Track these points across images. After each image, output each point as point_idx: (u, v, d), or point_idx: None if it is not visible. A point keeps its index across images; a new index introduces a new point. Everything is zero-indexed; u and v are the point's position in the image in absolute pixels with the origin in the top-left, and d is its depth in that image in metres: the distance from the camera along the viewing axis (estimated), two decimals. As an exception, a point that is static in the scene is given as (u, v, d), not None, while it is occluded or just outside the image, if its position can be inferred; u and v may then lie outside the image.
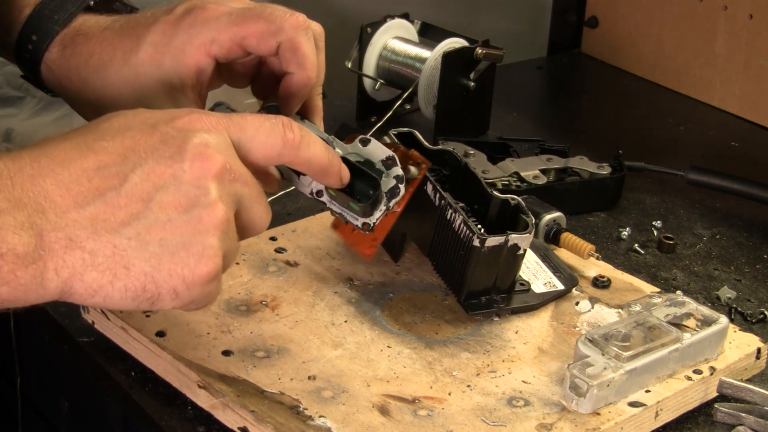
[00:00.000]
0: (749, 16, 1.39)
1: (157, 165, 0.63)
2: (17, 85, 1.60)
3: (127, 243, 0.62)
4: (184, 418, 0.77)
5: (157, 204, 0.63)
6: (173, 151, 0.63)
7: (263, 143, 0.68)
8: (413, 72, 1.26)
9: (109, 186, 0.63)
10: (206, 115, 0.66)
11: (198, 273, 0.64)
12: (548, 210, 0.97)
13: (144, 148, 0.64)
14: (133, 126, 0.65)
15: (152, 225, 0.63)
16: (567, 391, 0.77)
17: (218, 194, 0.64)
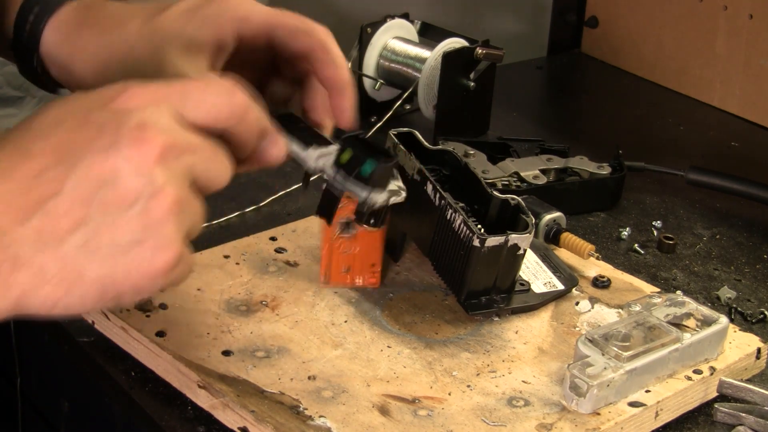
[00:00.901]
0: (749, 16, 1.39)
1: (94, 161, 0.59)
2: (17, 85, 1.60)
3: (76, 252, 0.59)
4: (184, 418, 0.77)
5: (100, 204, 0.59)
6: (109, 140, 0.59)
7: (209, 107, 0.64)
8: (413, 72, 1.26)
9: (49, 194, 0.59)
10: (142, 88, 0.62)
11: (157, 265, 0.60)
12: (548, 210, 0.97)
13: (79, 143, 0.60)
14: (67, 117, 0.61)
15: (99, 228, 0.59)
16: (567, 391, 0.77)
17: (164, 178, 0.60)
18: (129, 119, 0.60)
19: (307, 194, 1.09)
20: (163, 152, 0.60)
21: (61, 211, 0.59)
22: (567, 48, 1.65)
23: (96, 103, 0.62)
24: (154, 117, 0.61)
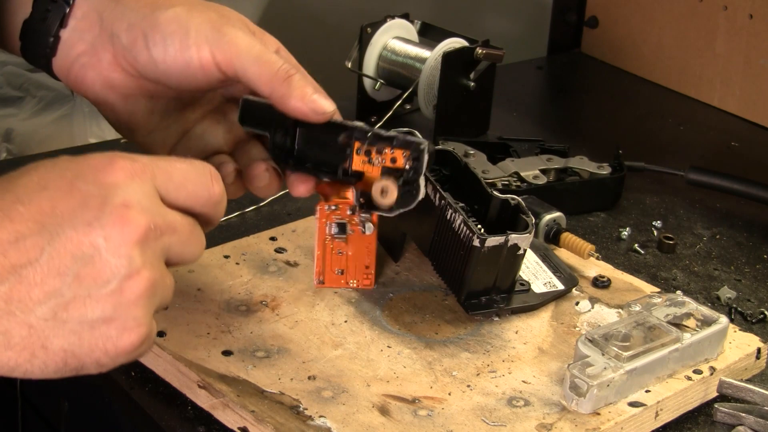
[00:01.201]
0: (749, 16, 1.39)
1: (76, 233, 0.59)
2: (17, 85, 1.60)
3: (44, 323, 0.59)
4: (184, 418, 0.77)
5: (75, 278, 0.59)
6: (92, 215, 0.59)
7: (189, 194, 0.65)
8: (413, 72, 1.26)
9: (25, 261, 0.58)
10: (130, 162, 0.62)
11: (121, 346, 0.60)
12: (548, 210, 0.97)
13: (62, 212, 0.59)
14: (52, 183, 0.61)
15: (70, 301, 0.59)
16: (567, 391, 0.77)
17: (142, 260, 0.60)
18: (114, 195, 0.60)
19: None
20: (144, 234, 0.60)
21: (35, 280, 0.59)
22: (567, 48, 1.65)
23: (82, 171, 0.61)
24: (138, 195, 0.61)
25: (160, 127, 0.80)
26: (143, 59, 0.75)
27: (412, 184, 0.74)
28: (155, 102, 0.79)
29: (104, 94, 0.78)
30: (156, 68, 0.75)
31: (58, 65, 0.79)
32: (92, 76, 0.78)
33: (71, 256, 0.59)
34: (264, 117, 0.76)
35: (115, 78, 0.77)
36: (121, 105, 0.78)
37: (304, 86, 0.74)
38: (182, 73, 0.75)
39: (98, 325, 0.60)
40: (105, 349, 0.61)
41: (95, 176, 0.61)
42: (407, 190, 0.74)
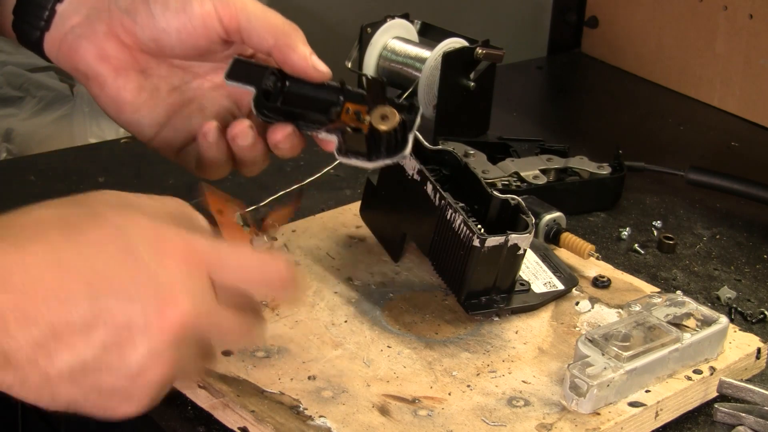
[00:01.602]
0: (749, 16, 1.39)
1: (117, 303, 0.59)
2: (17, 85, 1.60)
3: (59, 379, 0.59)
4: (184, 418, 0.77)
5: (102, 350, 0.59)
6: (137, 292, 0.59)
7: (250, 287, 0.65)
8: (413, 72, 1.26)
9: (64, 318, 0.58)
10: (191, 245, 0.62)
11: (120, 412, 0.61)
12: (548, 210, 0.97)
13: (111, 278, 0.59)
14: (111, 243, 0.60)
15: (90, 370, 0.59)
16: (567, 391, 0.77)
17: (171, 354, 0.60)
18: (164, 279, 0.60)
19: (308, 194, 1.09)
20: (181, 330, 0.60)
21: (66, 339, 0.59)
22: (567, 48, 1.65)
23: (145, 238, 0.61)
24: (188, 286, 0.61)
25: (147, 106, 0.80)
26: (142, 19, 0.76)
27: (402, 136, 0.76)
28: (146, 78, 0.79)
29: (95, 67, 0.78)
30: (154, 27, 0.76)
31: (50, 40, 0.79)
32: (85, 46, 0.78)
33: (105, 326, 0.59)
34: (252, 73, 0.77)
35: (109, 48, 0.78)
36: (111, 79, 0.78)
37: (306, 44, 0.76)
38: (182, 29, 0.76)
39: (107, 393, 0.60)
40: (104, 409, 0.61)
41: (156, 249, 0.61)
42: (396, 140, 0.76)
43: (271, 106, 0.77)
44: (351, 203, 1.03)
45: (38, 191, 1.11)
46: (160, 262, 0.60)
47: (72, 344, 0.59)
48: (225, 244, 0.65)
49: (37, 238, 0.59)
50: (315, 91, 0.78)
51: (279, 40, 0.76)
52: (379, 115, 0.75)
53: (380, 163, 0.76)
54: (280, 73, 0.79)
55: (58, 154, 1.24)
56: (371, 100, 0.77)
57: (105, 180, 1.14)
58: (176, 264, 0.61)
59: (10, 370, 0.58)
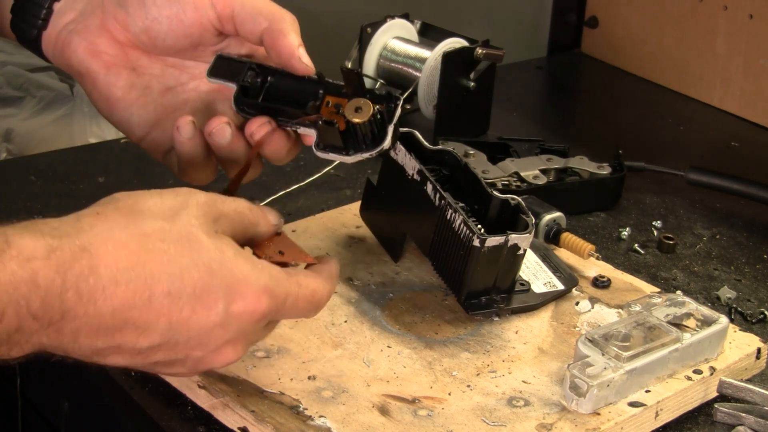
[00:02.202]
0: (749, 16, 1.39)
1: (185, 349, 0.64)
2: (17, 85, 1.60)
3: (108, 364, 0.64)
4: (184, 418, 0.77)
5: (153, 364, 0.65)
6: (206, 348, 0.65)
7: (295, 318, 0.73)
8: (413, 72, 1.26)
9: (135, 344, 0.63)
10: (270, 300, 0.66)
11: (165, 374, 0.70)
12: (548, 210, 0.97)
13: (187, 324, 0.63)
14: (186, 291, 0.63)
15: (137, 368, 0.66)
16: (567, 391, 0.77)
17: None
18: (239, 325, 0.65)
19: (308, 194, 1.09)
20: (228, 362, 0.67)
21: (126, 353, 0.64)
22: (567, 48, 1.65)
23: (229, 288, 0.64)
24: (248, 335, 0.67)
25: (138, 104, 0.80)
26: (134, 9, 0.77)
27: (380, 128, 0.74)
28: (137, 76, 0.80)
29: (87, 62, 0.79)
30: (146, 16, 0.77)
31: (47, 38, 0.80)
32: (77, 42, 0.78)
33: (165, 353, 0.64)
34: (234, 69, 0.77)
35: (101, 44, 0.78)
36: (102, 75, 0.79)
37: (298, 34, 0.76)
38: (173, 17, 0.77)
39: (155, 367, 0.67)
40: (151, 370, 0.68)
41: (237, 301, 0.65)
42: (373, 132, 0.74)
43: (250, 102, 0.77)
44: (351, 203, 1.03)
45: (38, 191, 1.11)
46: (238, 314, 0.65)
47: (129, 356, 0.64)
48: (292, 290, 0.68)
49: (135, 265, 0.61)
50: (296, 85, 0.77)
51: (272, 24, 0.76)
52: (353, 107, 0.74)
53: (358, 157, 0.75)
54: (261, 68, 0.78)
55: (58, 154, 1.24)
56: (350, 92, 0.75)
57: (105, 180, 1.14)
58: (250, 317, 0.65)
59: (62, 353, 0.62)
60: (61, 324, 0.59)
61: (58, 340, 0.60)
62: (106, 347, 0.62)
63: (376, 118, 0.74)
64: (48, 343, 0.60)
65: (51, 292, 0.58)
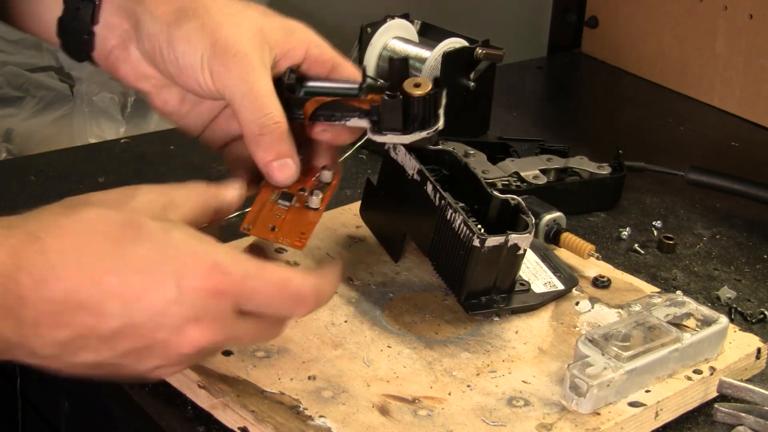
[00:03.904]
0: (749, 16, 1.39)
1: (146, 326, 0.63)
2: (17, 85, 1.60)
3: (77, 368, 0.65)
4: (184, 418, 0.77)
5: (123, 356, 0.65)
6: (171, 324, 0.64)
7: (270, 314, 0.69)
8: (413, 72, 1.25)
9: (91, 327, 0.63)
10: (223, 277, 0.65)
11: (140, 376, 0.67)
12: (548, 210, 0.97)
13: (141, 301, 0.63)
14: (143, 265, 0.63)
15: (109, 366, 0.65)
16: (567, 391, 0.77)
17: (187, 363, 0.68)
18: (190, 308, 0.64)
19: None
20: (196, 351, 0.65)
21: (91, 344, 0.64)
22: (567, 48, 1.65)
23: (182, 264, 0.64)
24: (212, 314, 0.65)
25: (192, 114, 0.82)
26: (161, 68, 0.78)
27: (434, 109, 0.75)
28: (186, 92, 0.81)
29: (138, 85, 0.81)
30: (172, 78, 0.78)
31: (98, 58, 0.82)
32: (125, 69, 0.81)
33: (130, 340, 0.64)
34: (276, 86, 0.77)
35: (146, 71, 0.80)
36: (154, 94, 0.81)
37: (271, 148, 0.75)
38: (194, 88, 0.78)
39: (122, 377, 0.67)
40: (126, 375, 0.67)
41: (188, 274, 0.64)
42: (429, 112, 0.75)
43: (297, 98, 0.77)
44: (351, 203, 1.03)
45: (38, 191, 1.11)
46: (191, 289, 0.64)
47: (96, 348, 0.64)
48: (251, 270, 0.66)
49: (80, 247, 0.63)
50: (335, 89, 0.78)
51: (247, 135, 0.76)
52: (412, 83, 0.75)
53: (416, 135, 0.75)
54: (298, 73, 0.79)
55: (58, 154, 1.24)
56: (397, 80, 0.75)
57: (105, 180, 1.14)
58: (204, 292, 0.64)
59: (35, 359, 0.64)
60: (20, 313, 0.61)
61: (21, 334, 0.61)
62: (70, 339, 0.62)
63: (431, 99, 0.75)
64: (14, 339, 0.61)
65: (6, 275, 0.60)
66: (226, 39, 0.75)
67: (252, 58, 0.75)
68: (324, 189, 0.79)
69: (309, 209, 0.78)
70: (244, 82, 0.75)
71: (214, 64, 0.75)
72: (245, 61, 0.75)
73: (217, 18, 0.76)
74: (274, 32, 0.78)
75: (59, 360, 0.64)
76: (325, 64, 0.80)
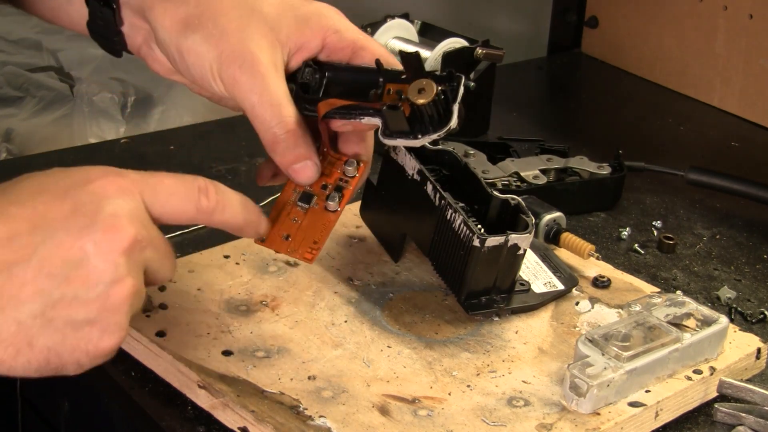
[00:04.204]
0: (749, 16, 1.39)
1: (67, 236, 0.61)
2: (17, 85, 1.60)
3: (32, 321, 0.61)
4: (184, 418, 0.77)
5: (64, 280, 0.61)
6: (85, 221, 0.62)
7: (176, 208, 0.67)
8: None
9: (18, 259, 0.61)
10: (121, 177, 0.65)
11: (102, 347, 0.63)
12: (548, 210, 0.97)
13: (55, 216, 0.62)
14: (46, 189, 0.63)
15: (58, 302, 0.61)
16: (567, 391, 0.77)
17: (127, 269, 0.63)
18: (106, 204, 0.63)
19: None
20: (131, 245, 0.63)
21: (26, 278, 0.61)
22: (567, 48, 1.65)
23: (77, 180, 0.64)
24: (128, 207, 0.64)
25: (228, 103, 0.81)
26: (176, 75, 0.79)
27: (445, 107, 0.73)
28: None
29: (172, 77, 0.81)
30: (192, 83, 0.79)
31: (133, 52, 0.82)
32: (155, 65, 0.81)
33: (62, 258, 0.61)
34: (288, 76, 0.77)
35: (171, 69, 0.80)
36: (188, 83, 0.81)
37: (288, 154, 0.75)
38: (211, 95, 0.78)
39: (82, 326, 0.62)
40: (86, 350, 0.63)
41: (88, 187, 0.64)
42: (439, 112, 0.73)
43: (310, 98, 0.77)
44: (351, 203, 1.02)
45: (38, 191, 1.11)
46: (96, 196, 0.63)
47: (33, 282, 0.61)
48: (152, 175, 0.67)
49: None
50: (354, 77, 0.77)
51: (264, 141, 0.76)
52: (416, 89, 0.73)
53: (426, 139, 0.73)
54: (317, 65, 0.78)
55: (58, 154, 1.24)
56: (410, 75, 0.74)
57: (105, 180, 1.13)
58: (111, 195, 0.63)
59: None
60: None
61: None
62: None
63: (440, 98, 0.73)
64: None
65: None
66: (231, 47, 0.74)
67: (260, 64, 0.74)
68: (347, 184, 0.79)
69: (327, 211, 0.78)
70: (253, 92, 0.74)
71: (224, 75, 0.74)
72: (253, 70, 0.74)
73: (222, 24, 0.75)
74: (287, 27, 0.77)
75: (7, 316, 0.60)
76: (344, 50, 0.78)
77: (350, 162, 0.79)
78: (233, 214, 0.70)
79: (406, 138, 0.74)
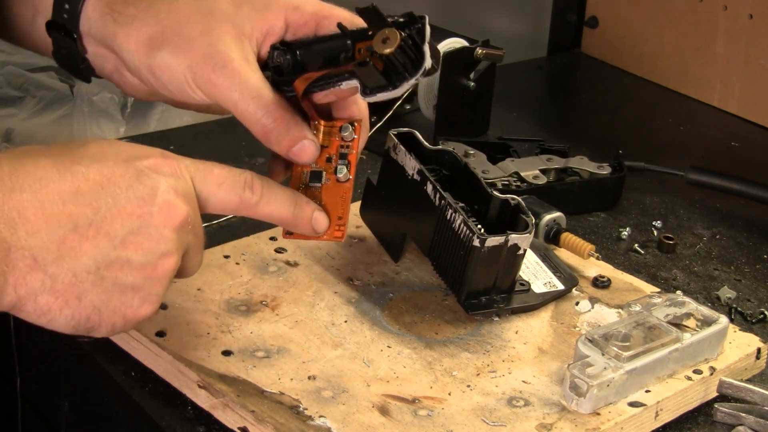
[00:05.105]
0: (749, 16, 1.39)
1: (128, 203, 0.65)
2: (17, 85, 1.60)
3: (86, 275, 0.64)
4: (184, 418, 0.77)
5: (121, 242, 0.65)
6: (145, 191, 0.65)
7: (221, 198, 0.71)
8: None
9: (82, 214, 0.64)
10: (175, 160, 0.68)
11: (138, 315, 0.67)
12: (548, 210, 0.97)
13: (119, 181, 0.65)
14: (109, 156, 0.66)
15: (113, 263, 0.65)
16: (567, 391, 0.77)
17: (176, 245, 0.67)
18: (164, 181, 0.66)
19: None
20: (183, 222, 0.67)
21: (88, 234, 0.64)
22: (567, 48, 1.65)
23: (137, 154, 0.67)
24: (183, 188, 0.68)
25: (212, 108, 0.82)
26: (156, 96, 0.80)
27: (415, 50, 0.72)
28: None
29: (150, 99, 0.83)
30: (173, 100, 0.80)
31: (103, 77, 0.83)
32: (130, 90, 0.82)
33: (122, 222, 0.65)
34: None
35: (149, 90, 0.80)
36: (169, 101, 0.82)
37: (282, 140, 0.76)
38: (194, 106, 0.80)
39: (127, 291, 0.66)
40: (124, 314, 0.67)
41: (147, 161, 0.67)
42: (410, 56, 0.72)
43: (286, 80, 0.77)
44: (351, 203, 1.02)
45: (38, 191, 1.10)
46: (155, 172, 0.67)
47: (93, 239, 0.64)
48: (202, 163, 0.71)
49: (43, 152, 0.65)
50: (323, 47, 0.77)
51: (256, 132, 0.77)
52: (380, 41, 0.72)
53: (405, 85, 0.72)
54: (285, 45, 0.78)
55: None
56: (376, 30, 0.73)
57: (105, 180, 1.13)
58: (168, 174, 0.67)
59: (39, 271, 0.63)
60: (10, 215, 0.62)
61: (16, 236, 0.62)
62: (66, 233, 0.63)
63: (407, 44, 0.72)
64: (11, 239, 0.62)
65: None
66: (201, 54, 0.75)
67: (232, 61, 0.75)
68: (349, 149, 0.79)
69: (341, 183, 0.79)
70: (232, 91, 0.74)
71: (200, 82, 0.75)
72: (226, 69, 0.74)
73: (187, 34, 0.75)
74: (248, 18, 0.77)
75: (64, 265, 0.63)
76: (308, 24, 0.78)
77: (345, 127, 0.79)
78: (279, 209, 0.74)
79: (385, 91, 0.74)
